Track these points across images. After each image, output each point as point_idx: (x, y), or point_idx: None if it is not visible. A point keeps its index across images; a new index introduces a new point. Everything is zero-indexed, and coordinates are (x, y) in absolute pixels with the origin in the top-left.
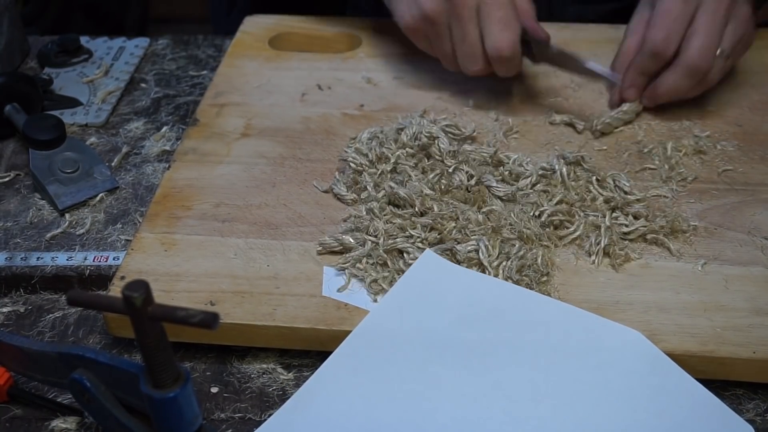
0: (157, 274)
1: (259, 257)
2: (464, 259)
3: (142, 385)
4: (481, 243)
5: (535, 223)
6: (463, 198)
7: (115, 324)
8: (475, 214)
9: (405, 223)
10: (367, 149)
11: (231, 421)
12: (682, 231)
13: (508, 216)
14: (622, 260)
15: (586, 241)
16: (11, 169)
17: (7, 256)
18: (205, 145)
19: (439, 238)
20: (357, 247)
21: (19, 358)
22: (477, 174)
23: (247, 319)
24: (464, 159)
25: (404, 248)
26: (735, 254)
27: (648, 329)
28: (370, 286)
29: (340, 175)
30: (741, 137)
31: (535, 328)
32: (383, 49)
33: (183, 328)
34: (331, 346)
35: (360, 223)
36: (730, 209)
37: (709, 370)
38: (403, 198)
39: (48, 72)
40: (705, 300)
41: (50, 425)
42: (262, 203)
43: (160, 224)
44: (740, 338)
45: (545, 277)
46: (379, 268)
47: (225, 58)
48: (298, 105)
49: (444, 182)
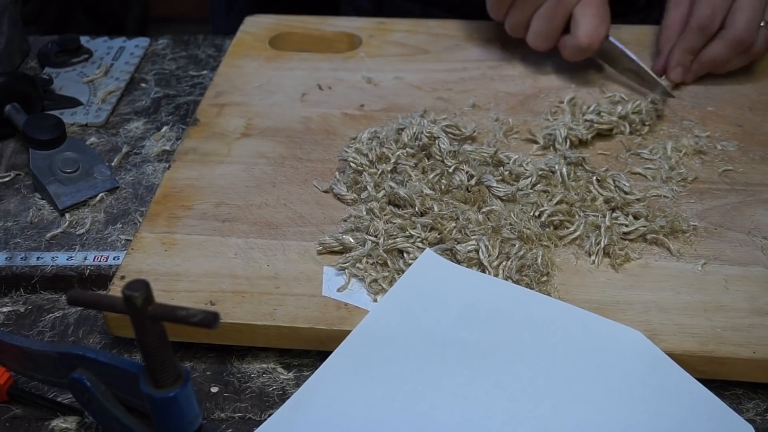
0: (158, 274)
1: (259, 257)
2: (464, 258)
3: (142, 384)
4: (481, 243)
5: (534, 223)
6: (463, 198)
7: (115, 324)
8: (476, 214)
9: (405, 223)
10: (367, 149)
11: (231, 421)
12: (682, 231)
13: (508, 216)
14: (622, 260)
15: (586, 241)
16: (11, 169)
17: (7, 256)
18: (205, 145)
19: (439, 237)
20: (357, 246)
21: (19, 358)
22: (477, 174)
23: (248, 319)
24: (464, 159)
25: (404, 248)
26: (735, 254)
27: (648, 329)
28: (370, 285)
29: (341, 175)
30: (741, 137)
31: (536, 328)
32: (384, 49)
33: (183, 328)
34: (331, 345)
35: (360, 223)
36: (731, 209)
37: (709, 370)
38: (403, 198)
39: (48, 72)
40: (705, 300)
41: (50, 425)
42: (262, 203)
43: (160, 224)
44: (740, 338)
45: (545, 277)
46: (379, 268)
47: (225, 57)
48: (299, 105)
49: (444, 182)
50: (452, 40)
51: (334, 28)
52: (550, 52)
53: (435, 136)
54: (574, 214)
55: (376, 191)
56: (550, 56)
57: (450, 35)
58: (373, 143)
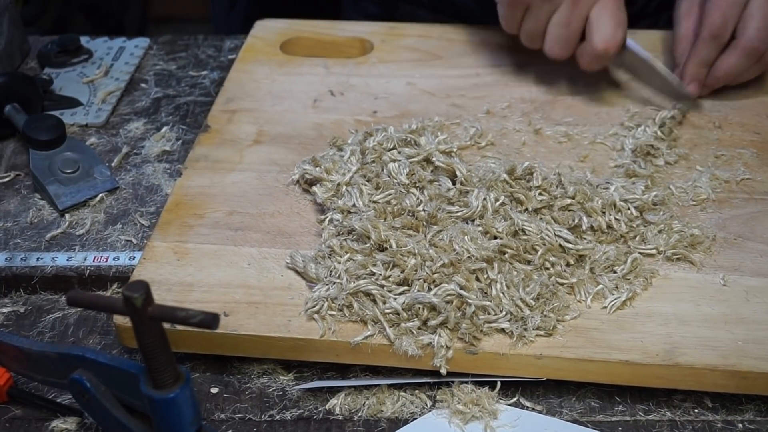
0: (170, 284)
1: (273, 267)
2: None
3: (142, 385)
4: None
5: (489, 243)
6: (409, 224)
7: (128, 335)
8: (426, 249)
9: (366, 260)
10: (329, 160)
11: (231, 422)
12: (700, 243)
13: (461, 241)
14: (646, 283)
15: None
16: (11, 169)
17: (7, 257)
18: (216, 152)
19: (402, 277)
20: (320, 280)
21: (19, 358)
22: (436, 201)
23: (261, 331)
24: (420, 179)
25: (368, 290)
26: (755, 265)
27: (668, 342)
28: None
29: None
30: (759, 146)
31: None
32: (396, 54)
33: (196, 341)
34: (347, 358)
35: (321, 251)
36: (749, 219)
37: (731, 384)
38: (358, 232)
39: (48, 72)
40: (726, 312)
41: (50, 425)
42: (275, 211)
43: (172, 233)
44: (763, 351)
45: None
46: (346, 311)
47: (236, 62)
48: (311, 111)
49: (394, 203)
50: (465, 45)
51: (345, 33)
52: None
53: (393, 158)
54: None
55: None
56: (565, 62)
57: (463, 40)
58: (332, 153)
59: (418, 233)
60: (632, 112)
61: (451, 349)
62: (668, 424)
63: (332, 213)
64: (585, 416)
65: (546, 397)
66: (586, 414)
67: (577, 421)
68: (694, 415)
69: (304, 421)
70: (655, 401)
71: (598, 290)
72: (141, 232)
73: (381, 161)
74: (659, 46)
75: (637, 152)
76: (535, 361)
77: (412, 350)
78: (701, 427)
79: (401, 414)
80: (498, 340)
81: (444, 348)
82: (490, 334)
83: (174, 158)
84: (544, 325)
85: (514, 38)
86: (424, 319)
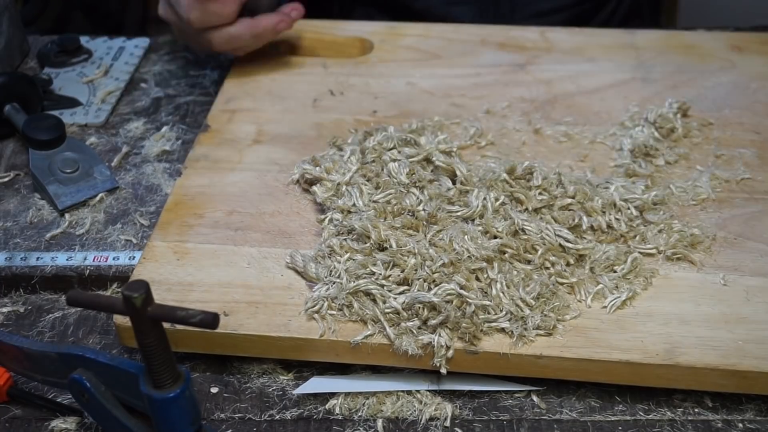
0: (170, 284)
1: (273, 267)
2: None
3: (142, 385)
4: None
5: (490, 243)
6: (409, 224)
7: (127, 334)
8: (426, 249)
9: (366, 259)
10: (329, 159)
11: (231, 422)
12: (700, 242)
13: (462, 241)
14: (646, 282)
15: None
16: (11, 169)
17: (7, 256)
18: (216, 152)
19: (402, 276)
20: (320, 280)
21: (19, 358)
22: (432, 197)
23: (261, 330)
24: (419, 179)
25: (368, 290)
26: (756, 265)
27: (669, 342)
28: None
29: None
30: (759, 145)
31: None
32: (396, 54)
33: (196, 340)
34: (347, 357)
35: (321, 250)
36: (750, 218)
37: (731, 383)
38: (359, 232)
39: (48, 72)
40: (726, 312)
41: (50, 425)
42: (275, 211)
43: (172, 232)
44: (763, 351)
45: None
46: (346, 311)
47: (235, 62)
48: (311, 111)
49: (394, 202)
50: (465, 45)
51: (345, 32)
52: (565, 57)
53: (393, 158)
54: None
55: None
56: (564, 62)
57: (463, 40)
58: (333, 153)
59: (418, 233)
60: (632, 112)
61: (451, 348)
62: (668, 423)
63: (332, 213)
64: (585, 416)
65: (546, 397)
66: (586, 414)
67: (577, 421)
68: (694, 414)
69: (304, 421)
70: (655, 401)
71: (598, 290)
72: (141, 231)
73: (381, 161)
74: (659, 46)
75: (635, 153)
76: (535, 360)
77: (412, 350)
78: (701, 427)
79: (401, 414)
80: (498, 339)
81: (444, 348)
82: (490, 334)
83: (174, 158)
84: (544, 324)
85: (515, 32)
86: (424, 318)
